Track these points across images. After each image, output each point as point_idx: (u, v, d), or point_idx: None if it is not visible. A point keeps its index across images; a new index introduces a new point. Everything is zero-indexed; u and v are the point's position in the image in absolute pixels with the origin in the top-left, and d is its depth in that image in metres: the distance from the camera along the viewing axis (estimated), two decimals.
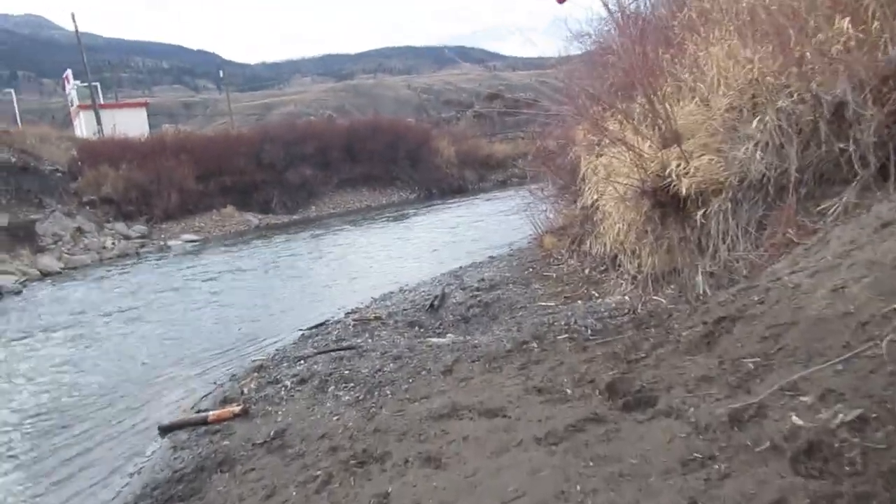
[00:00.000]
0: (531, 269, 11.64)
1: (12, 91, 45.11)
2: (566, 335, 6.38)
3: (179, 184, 27.74)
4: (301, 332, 9.84)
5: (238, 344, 9.92)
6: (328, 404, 5.77)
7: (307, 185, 30.74)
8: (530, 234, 16.55)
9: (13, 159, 25.42)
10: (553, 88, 14.03)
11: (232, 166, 29.70)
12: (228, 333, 10.66)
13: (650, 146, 7.21)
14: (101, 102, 40.74)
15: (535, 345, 6.28)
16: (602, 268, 9.60)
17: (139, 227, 25.98)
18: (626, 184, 7.39)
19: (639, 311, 6.82)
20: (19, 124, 35.63)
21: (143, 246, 24.11)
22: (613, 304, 7.72)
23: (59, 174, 27.12)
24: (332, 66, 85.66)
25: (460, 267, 13.54)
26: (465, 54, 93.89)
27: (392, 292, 11.97)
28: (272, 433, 5.32)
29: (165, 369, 8.95)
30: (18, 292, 16.28)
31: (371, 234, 21.39)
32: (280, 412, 5.88)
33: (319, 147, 31.64)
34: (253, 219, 28.26)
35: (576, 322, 6.97)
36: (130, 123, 34.67)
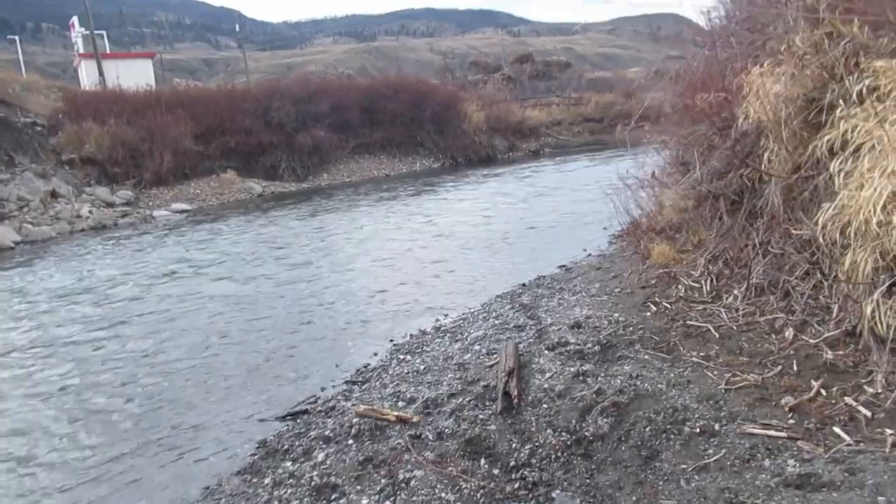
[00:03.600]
0: (653, 306, 6.88)
1: (17, 38, 40.07)
2: None
3: (174, 143, 22.95)
4: (254, 445, 5.15)
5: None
6: None
7: (320, 150, 25.83)
8: (607, 229, 11.78)
9: None
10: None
11: (236, 126, 24.88)
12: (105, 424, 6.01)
13: None
14: (107, 52, 35.76)
15: None
16: (850, 342, 4.80)
17: (124, 193, 21.27)
18: None
19: None
20: (23, 75, 31.08)
21: (124, 216, 19.45)
22: None
23: (37, 128, 22.38)
24: (354, 27, 79.94)
25: (523, 285, 8.85)
26: (489, 18, 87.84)
27: (421, 333, 7.38)
28: None
29: None
30: None
31: (390, 215, 16.52)
32: None
33: (335, 107, 26.64)
34: (256, 186, 23.47)
35: None
36: (134, 75, 29.77)
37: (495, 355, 6.09)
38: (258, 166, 24.98)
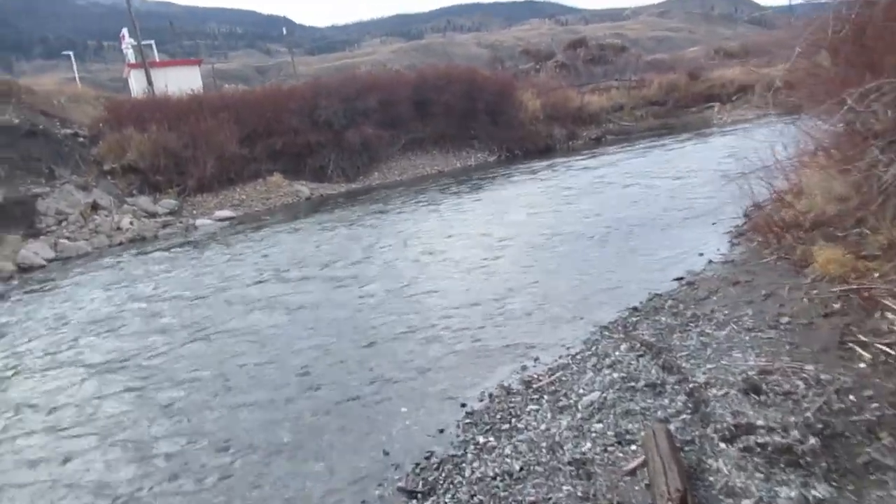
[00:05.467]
0: (861, 350, 4.40)
1: (70, 54, 39.39)
2: None
3: (219, 148, 21.21)
4: None
5: None
6: None
7: (369, 147, 23.69)
8: (716, 225, 9.25)
9: (16, 120, 19.29)
10: None
11: (282, 126, 22.99)
12: None
13: None
14: (155, 61, 34.61)
15: None
16: None
17: (167, 202, 19.63)
18: None
19: None
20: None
21: (165, 226, 17.77)
22: None
23: (79, 139, 20.93)
24: (401, 26, 77.86)
25: (635, 309, 6.43)
26: (536, 9, 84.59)
27: (505, 392, 5.25)
28: None
29: None
30: None
31: (447, 217, 14.17)
32: None
33: (384, 102, 24.44)
34: (303, 189, 21.52)
35: None
36: (183, 82, 28.28)
37: (632, 445, 3.74)
38: (306, 168, 23.05)
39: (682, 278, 7.26)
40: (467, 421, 4.73)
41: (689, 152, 20.29)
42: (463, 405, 5.04)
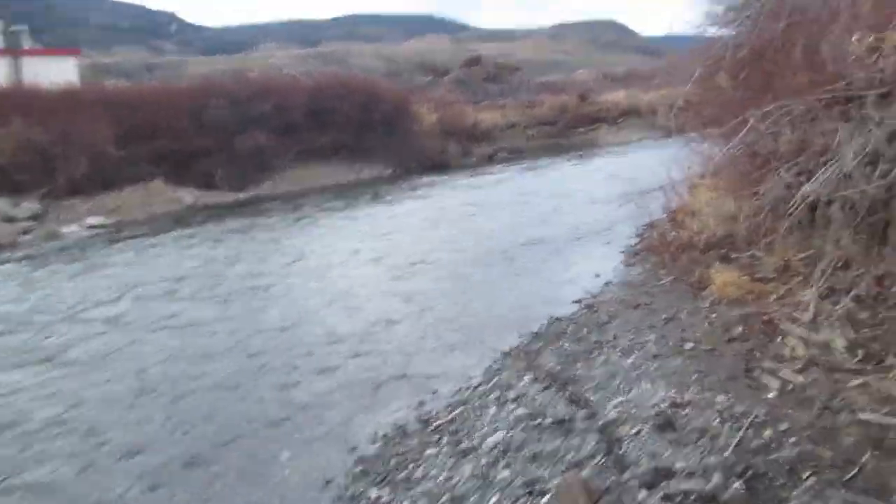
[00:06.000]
0: (769, 379, 4.25)
1: None
2: None
3: (93, 147, 19.23)
4: None
5: None
6: None
7: (261, 156, 22.40)
8: (611, 244, 9.20)
9: None
10: None
11: (167, 128, 21.17)
12: None
13: None
14: (26, 48, 31.40)
15: None
16: None
17: (29, 206, 17.55)
18: None
19: None
20: None
21: (26, 232, 15.85)
22: None
23: None
24: (299, 32, 75.85)
25: (536, 335, 6.10)
26: (433, 24, 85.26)
27: (401, 434, 4.79)
28: None
29: None
30: None
31: (341, 234, 13.46)
32: None
33: (278, 108, 23.26)
34: (186, 196, 20.00)
35: None
36: (55, 73, 25.69)
37: (544, 496, 3.33)
38: (191, 173, 21.40)
39: (581, 300, 7.05)
40: (358, 469, 4.16)
41: (580, 172, 20.73)
42: (353, 449, 4.47)
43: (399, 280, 8.91)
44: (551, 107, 31.39)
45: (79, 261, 12.28)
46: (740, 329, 5.10)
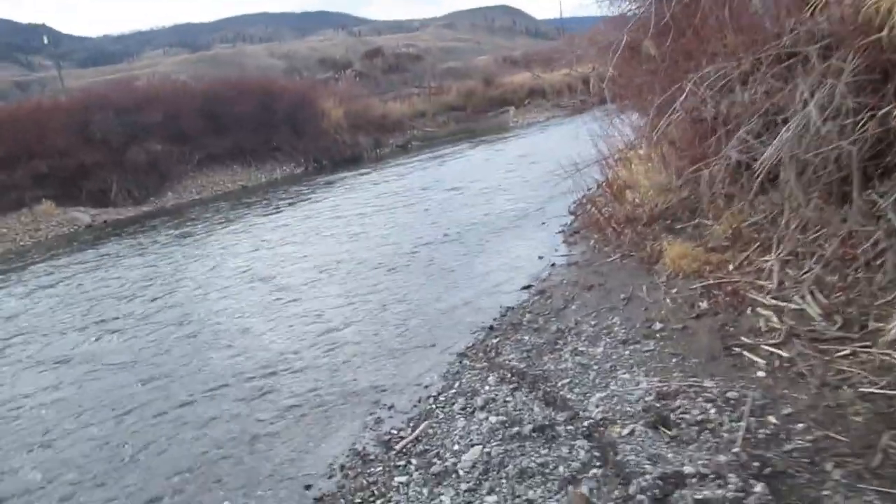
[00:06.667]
0: (754, 357, 3.92)
1: None
2: None
3: None
4: None
5: None
6: None
7: (158, 165, 20.92)
8: (546, 224, 8.87)
9: None
10: None
11: (47, 147, 19.35)
12: None
13: None
14: None
15: None
16: None
17: None
18: None
19: None
20: None
21: None
22: None
23: None
24: (185, 37, 71.89)
25: (490, 329, 5.64)
26: (327, 19, 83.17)
27: (361, 460, 4.12)
28: None
29: None
30: None
31: (257, 236, 12.54)
32: None
33: (170, 115, 21.75)
34: (82, 216, 18.34)
35: None
36: None
37: None
38: (83, 192, 19.67)
39: (530, 286, 6.63)
40: None
41: (495, 154, 20.47)
42: (307, 487, 3.83)
43: (328, 284, 8.19)
44: (458, 92, 31.15)
45: None
46: (706, 303, 4.80)
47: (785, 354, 3.85)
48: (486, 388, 4.47)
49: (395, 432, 4.25)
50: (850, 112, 4.01)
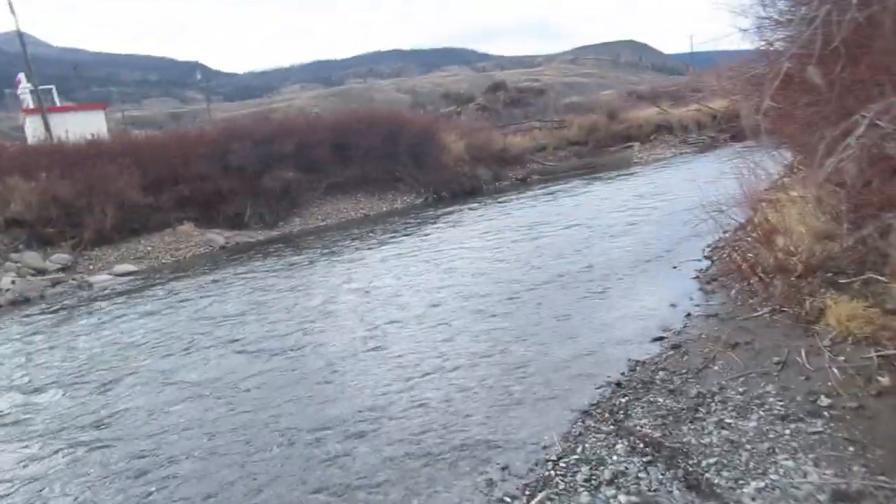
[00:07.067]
0: None
1: None
2: None
3: (119, 196, 18.83)
4: None
5: None
6: None
7: (289, 193, 21.89)
8: (678, 268, 8.10)
9: None
10: None
11: (191, 173, 20.78)
12: None
13: None
14: (56, 105, 31.74)
15: None
16: None
17: (60, 257, 17.08)
18: None
19: None
20: None
21: (55, 284, 15.30)
22: None
23: None
24: (321, 73, 76.31)
25: (617, 385, 5.08)
26: (454, 56, 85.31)
27: None
28: None
29: None
30: None
31: (374, 266, 12.56)
32: None
33: (302, 146, 22.76)
34: (217, 238, 19.40)
35: None
36: (85, 127, 25.64)
37: None
38: (220, 216, 20.89)
39: (662, 338, 5.95)
40: None
41: (618, 191, 19.62)
42: None
43: (444, 320, 7.87)
44: (581, 127, 30.43)
45: (109, 309, 11.55)
46: (887, 379, 3.99)
47: None
48: (615, 457, 3.90)
49: (509, 500, 3.77)
50: None
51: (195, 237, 19.37)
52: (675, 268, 8.46)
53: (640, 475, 3.64)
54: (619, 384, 5.09)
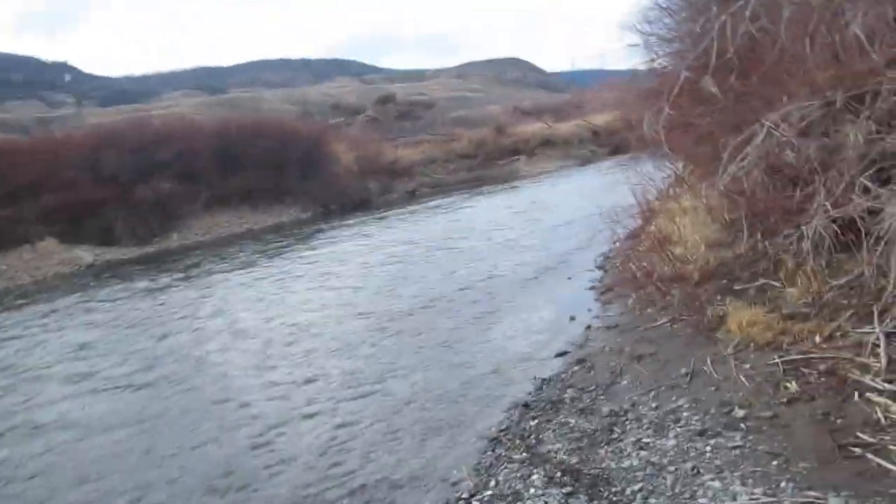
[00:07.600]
0: (885, 463, 2.83)
1: None
2: None
3: None
4: None
5: None
6: None
7: (165, 205, 20.13)
8: (572, 279, 8.00)
9: None
10: None
11: (56, 182, 18.71)
12: None
13: None
14: None
15: None
16: None
17: None
18: None
19: None
20: None
21: None
22: None
23: None
24: (204, 80, 72.35)
25: (525, 406, 4.78)
26: (342, 67, 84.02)
27: None
28: None
29: None
30: None
31: (254, 287, 11.67)
32: None
33: (181, 154, 21.17)
34: (85, 255, 17.60)
35: None
36: None
37: None
38: (88, 230, 18.91)
39: (565, 353, 5.71)
40: None
41: (506, 203, 19.75)
42: None
43: (334, 348, 7.20)
44: (469, 140, 30.65)
45: None
46: (795, 384, 3.90)
47: None
48: (532, 490, 3.53)
49: None
50: None
51: (59, 254, 17.42)
52: (569, 278, 8.36)
53: None
54: (526, 405, 4.76)
